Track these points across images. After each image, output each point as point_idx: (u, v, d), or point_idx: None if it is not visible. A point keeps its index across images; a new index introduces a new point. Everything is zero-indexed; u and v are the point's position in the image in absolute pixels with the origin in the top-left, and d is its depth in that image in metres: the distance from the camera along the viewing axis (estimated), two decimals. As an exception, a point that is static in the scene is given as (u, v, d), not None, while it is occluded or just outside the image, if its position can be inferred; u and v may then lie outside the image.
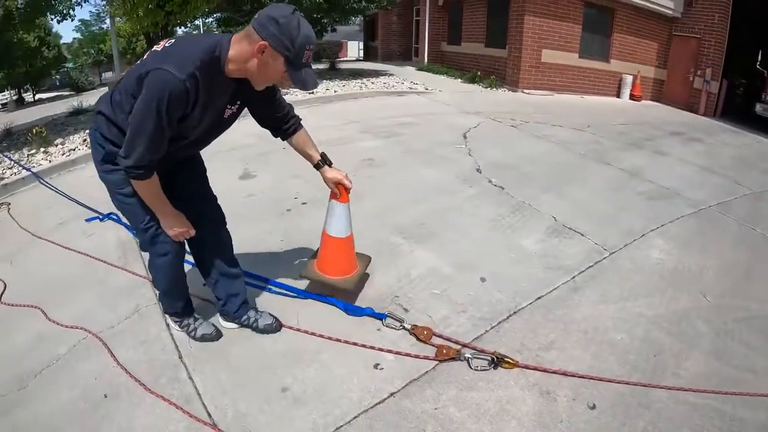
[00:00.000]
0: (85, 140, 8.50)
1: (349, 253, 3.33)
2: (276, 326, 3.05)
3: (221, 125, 2.53)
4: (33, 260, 4.44)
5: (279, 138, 2.90)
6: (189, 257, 2.91)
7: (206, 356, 2.89)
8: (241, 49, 2.17)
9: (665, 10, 14.04)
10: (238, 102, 2.47)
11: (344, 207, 3.15)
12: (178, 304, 2.96)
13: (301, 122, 2.90)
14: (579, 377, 2.66)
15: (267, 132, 2.85)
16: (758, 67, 12.95)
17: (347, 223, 3.21)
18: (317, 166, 2.95)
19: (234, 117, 2.54)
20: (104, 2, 17.24)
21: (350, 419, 2.39)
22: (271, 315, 3.10)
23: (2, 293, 3.88)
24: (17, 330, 3.39)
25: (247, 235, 4.29)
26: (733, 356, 2.91)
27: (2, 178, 6.89)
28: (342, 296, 3.30)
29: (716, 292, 3.61)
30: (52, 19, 10.47)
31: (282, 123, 2.83)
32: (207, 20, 31.65)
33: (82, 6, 14.25)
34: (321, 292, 3.39)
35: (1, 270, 4.25)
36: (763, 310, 3.43)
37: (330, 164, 2.96)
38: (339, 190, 3.02)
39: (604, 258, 4.02)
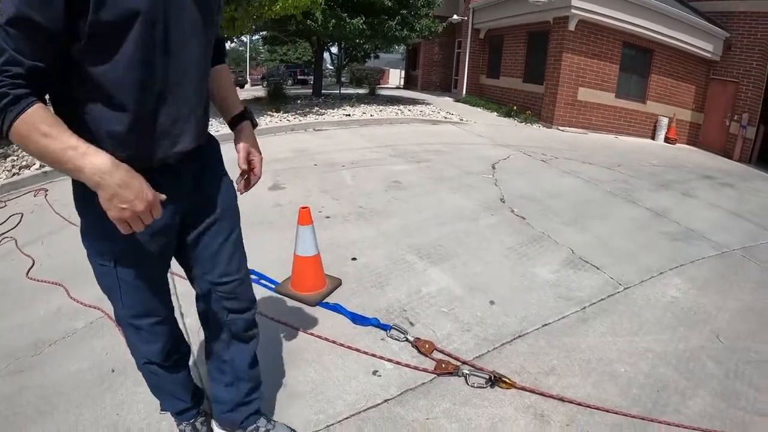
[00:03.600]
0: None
1: (315, 271, 3.61)
2: None
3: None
4: (62, 243, 4.71)
5: None
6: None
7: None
8: None
9: (704, 53, 14.00)
10: None
11: (309, 229, 3.48)
12: (169, 405, 2.21)
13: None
14: (576, 404, 2.65)
15: (304, 147, 2.05)
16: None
17: (312, 243, 3.52)
18: (235, 121, 1.94)
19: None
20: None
21: (341, 419, 2.45)
22: (288, 426, 2.28)
23: (30, 269, 4.18)
24: (39, 303, 3.63)
25: (271, 241, 4.53)
26: (741, 398, 2.85)
27: (43, 166, 7.38)
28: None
29: (730, 335, 3.54)
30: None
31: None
32: (253, 38, 32.38)
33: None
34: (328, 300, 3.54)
35: (32, 248, 4.58)
36: (779, 356, 3.36)
37: (255, 124, 2.02)
38: (248, 168, 1.92)
39: (618, 292, 4.00)
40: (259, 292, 3.62)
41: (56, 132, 1.28)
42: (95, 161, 1.30)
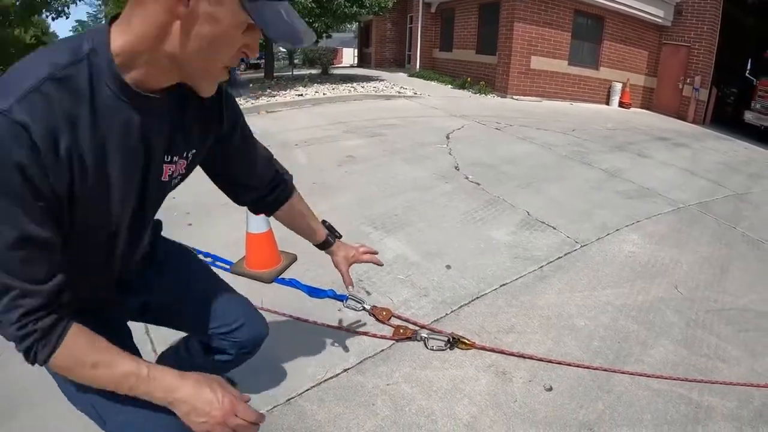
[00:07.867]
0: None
1: (269, 247, 3.53)
2: None
3: (154, 194, 1.26)
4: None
5: (261, 213, 1.77)
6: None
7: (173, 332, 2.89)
8: (141, 22, 0.96)
9: (655, 18, 14.15)
10: (187, 152, 1.28)
11: None
12: None
13: (292, 181, 1.74)
14: (537, 360, 2.62)
15: (256, 130, 1.65)
16: (747, 75, 13.05)
17: (263, 219, 3.40)
18: (324, 245, 1.87)
19: (180, 179, 1.33)
20: (100, 2, 17.32)
21: (302, 391, 2.38)
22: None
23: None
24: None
25: (226, 223, 4.39)
26: (703, 345, 2.86)
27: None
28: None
29: (689, 285, 3.56)
30: (47, 17, 10.51)
31: (266, 187, 1.66)
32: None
33: (77, 4, 14.25)
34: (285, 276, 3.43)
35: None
36: (738, 302, 3.39)
37: (339, 236, 1.92)
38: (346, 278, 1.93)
39: (575, 250, 3.99)
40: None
41: (108, 358, 1.06)
42: (164, 384, 1.09)
